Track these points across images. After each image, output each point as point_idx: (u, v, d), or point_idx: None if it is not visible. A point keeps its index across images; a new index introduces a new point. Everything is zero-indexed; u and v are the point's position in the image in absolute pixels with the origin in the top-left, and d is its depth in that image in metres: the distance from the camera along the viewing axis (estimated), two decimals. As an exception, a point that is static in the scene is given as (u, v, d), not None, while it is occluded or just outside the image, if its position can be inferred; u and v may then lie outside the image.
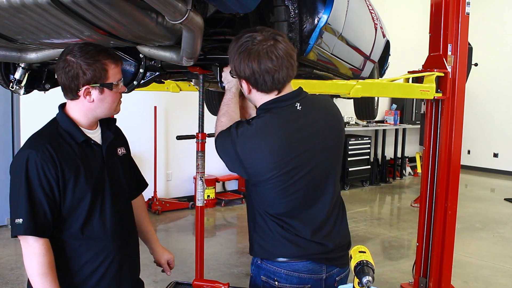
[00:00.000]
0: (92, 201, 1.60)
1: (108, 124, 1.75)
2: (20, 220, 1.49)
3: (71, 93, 1.59)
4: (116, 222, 1.68)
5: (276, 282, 1.64)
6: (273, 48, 1.53)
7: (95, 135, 1.69)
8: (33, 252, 1.50)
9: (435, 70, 3.38)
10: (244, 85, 1.62)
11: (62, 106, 1.67)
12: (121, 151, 1.79)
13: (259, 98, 1.63)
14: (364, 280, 1.36)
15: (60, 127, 1.61)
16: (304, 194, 1.62)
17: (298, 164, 1.59)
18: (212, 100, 4.00)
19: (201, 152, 2.16)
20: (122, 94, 1.72)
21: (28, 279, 1.58)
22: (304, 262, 1.63)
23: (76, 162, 1.58)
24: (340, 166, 1.76)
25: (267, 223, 1.64)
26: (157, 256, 1.98)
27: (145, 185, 1.98)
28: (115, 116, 1.81)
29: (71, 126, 1.61)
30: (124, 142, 1.84)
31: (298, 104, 1.62)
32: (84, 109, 1.62)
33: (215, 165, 6.62)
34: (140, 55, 1.95)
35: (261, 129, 1.59)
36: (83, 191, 1.58)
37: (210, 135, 2.40)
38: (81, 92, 1.57)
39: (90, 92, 1.58)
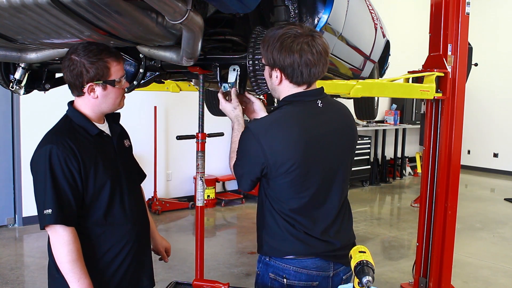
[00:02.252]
0: (112, 189, 1.70)
1: (113, 118, 1.84)
2: (49, 211, 1.56)
3: (77, 90, 1.67)
4: (134, 208, 1.79)
5: (285, 280, 1.65)
6: (313, 42, 1.57)
7: (104, 128, 1.77)
8: (63, 241, 1.58)
9: (435, 70, 3.38)
10: (277, 74, 1.63)
11: (71, 103, 1.75)
12: (127, 143, 1.89)
13: (287, 90, 1.65)
14: (364, 280, 1.36)
15: (74, 122, 1.70)
16: (316, 191, 1.64)
17: (313, 159, 1.62)
18: (212, 100, 4.00)
19: (201, 152, 2.16)
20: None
21: (50, 269, 1.71)
22: (312, 259, 1.65)
23: (94, 153, 1.67)
24: (350, 168, 1.81)
25: (276, 221, 1.65)
26: (156, 243, 2.07)
27: (144, 176, 2.05)
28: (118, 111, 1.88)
29: (84, 120, 1.70)
30: (127, 135, 1.93)
31: (320, 101, 1.66)
32: (91, 105, 1.70)
33: (215, 165, 6.63)
34: (140, 55, 1.96)
35: (281, 119, 1.63)
36: (103, 180, 1.67)
37: (210, 135, 2.41)
38: (85, 89, 1.65)
39: (94, 89, 1.65)
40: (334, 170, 1.69)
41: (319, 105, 1.66)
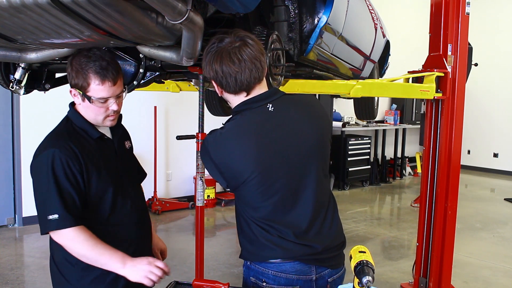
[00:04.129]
0: (114, 192, 1.69)
1: None
2: (55, 216, 1.54)
3: None
4: (135, 210, 1.79)
5: (264, 283, 1.63)
6: (236, 50, 1.53)
7: (105, 130, 1.77)
8: (73, 238, 1.57)
9: (435, 70, 3.38)
10: (215, 85, 1.64)
11: (73, 104, 1.74)
12: (128, 144, 1.88)
13: (231, 99, 1.65)
14: (364, 280, 1.36)
15: (75, 125, 1.70)
16: (283, 196, 1.60)
17: (272, 165, 1.58)
18: (212, 100, 4.00)
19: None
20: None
21: (52, 271, 1.71)
22: (291, 263, 1.62)
23: (96, 156, 1.66)
24: (325, 166, 1.72)
25: (251, 228, 1.63)
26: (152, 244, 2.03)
27: (145, 175, 2.05)
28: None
29: (85, 123, 1.70)
30: (128, 136, 1.92)
31: (270, 105, 1.61)
32: (80, 109, 1.70)
33: (215, 165, 6.61)
34: (140, 55, 1.95)
35: (231, 131, 1.61)
36: (106, 183, 1.67)
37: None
38: (70, 92, 1.67)
39: (77, 96, 1.66)
40: (301, 172, 1.63)
41: (270, 109, 1.61)
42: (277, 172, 1.59)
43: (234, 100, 1.64)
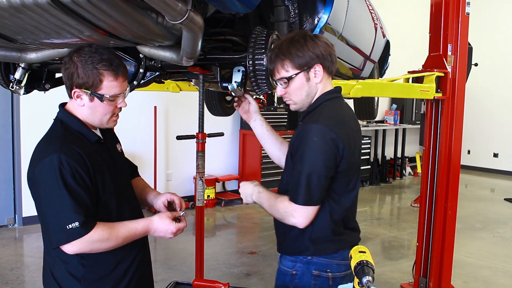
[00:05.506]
0: (117, 196, 1.64)
1: None
2: (76, 224, 1.45)
3: (68, 91, 1.59)
4: (137, 214, 1.76)
5: (330, 274, 1.73)
6: (314, 36, 1.69)
7: (97, 133, 1.70)
8: (97, 238, 1.50)
9: (435, 70, 3.38)
10: (317, 70, 1.67)
11: (63, 105, 1.65)
12: (119, 147, 1.82)
13: (323, 85, 1.71)
14: (364, 280, 1.36)
15: (71, 128, 1.59)
16: (356, 184, 1.75)
17: (355, 151, 1.72)
18: (212, 100, 4.00)
19: (201, 152, 2.17)
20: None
21: (49, 284, 1.64)
22: (348, 250, 1.68)
23: (98, 160, 1.59)
24: None
25: (327, 222, 1.70)
26: (152, 200, 1.90)
27: (136, 167, 2.00)
28: None
29: (82, 126, 1.60)
30: (118, 139, 1.85)
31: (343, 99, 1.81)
32: (80, 112, 1.60)
33: (215, 165, 6.63)
34: (140, 55, 1.95)
35: (342, 113, 1.73)
36: (110, 187, 1.61)
37: (210, 135, 2.41)
38: (72, 94, 1.56)
39: (81, 97, 1.56)
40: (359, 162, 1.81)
41: (345, 101, 1.79)
42: (356, 159, 1.74)
43: (325, 87, 1.72)
